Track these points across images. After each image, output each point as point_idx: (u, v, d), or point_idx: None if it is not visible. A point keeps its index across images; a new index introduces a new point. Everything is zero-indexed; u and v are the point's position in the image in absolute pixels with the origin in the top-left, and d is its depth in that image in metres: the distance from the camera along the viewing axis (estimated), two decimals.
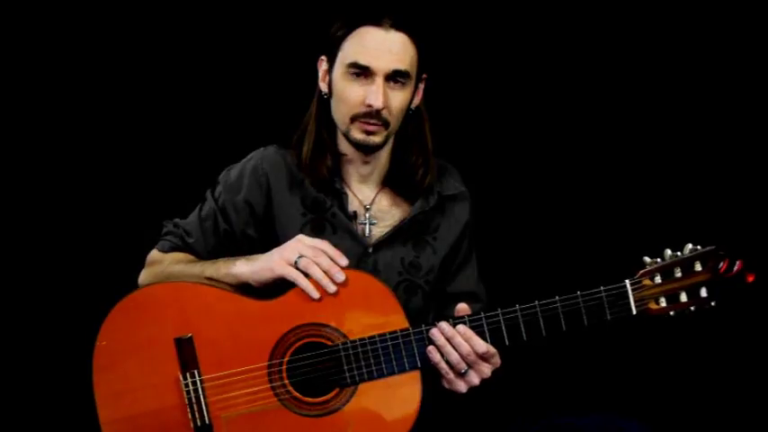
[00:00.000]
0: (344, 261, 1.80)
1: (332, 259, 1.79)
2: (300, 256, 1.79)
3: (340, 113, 1.92)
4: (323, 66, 1.95)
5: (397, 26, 1.86)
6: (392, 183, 2.01)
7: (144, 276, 2.01)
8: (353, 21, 1.87)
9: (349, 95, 1.87)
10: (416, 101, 1.98)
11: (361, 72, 1.86)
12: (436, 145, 2.01)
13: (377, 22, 1.85)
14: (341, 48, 1.88)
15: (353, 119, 1.89)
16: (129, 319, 1.82)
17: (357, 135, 1.90)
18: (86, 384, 1.80)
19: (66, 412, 2.41)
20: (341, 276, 1.78)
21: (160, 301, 1.83)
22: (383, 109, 1.86)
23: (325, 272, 1.78)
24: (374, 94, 1.84)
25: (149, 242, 2.05)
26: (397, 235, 1.98)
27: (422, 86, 1.99)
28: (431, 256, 2.00)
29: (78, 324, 1.95)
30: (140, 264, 2.04)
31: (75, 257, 2.62)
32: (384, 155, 1.99)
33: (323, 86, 1.95)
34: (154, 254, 2.02)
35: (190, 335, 1.80)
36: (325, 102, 1.96)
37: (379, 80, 1.85)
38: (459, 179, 2.08)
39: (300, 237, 1.83)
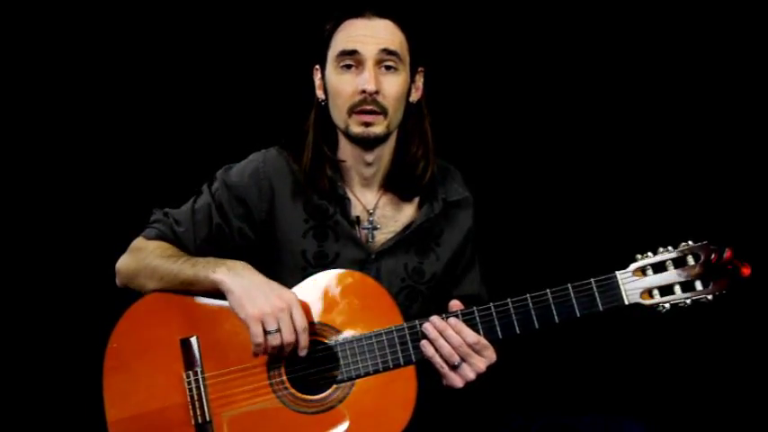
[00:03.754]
0: (303, 353, 1.79)
1: (298, 346, 1.79)
2: (277, 330, 1.76)
3: (337, 110, 1.92)
4: (318, 74, 1.98)
5: (380, 14, 1.90)
6: (393, 183, 2.00)
7: (124, 261, 1.97)
8: (337, 18, 1.92)
9: (343, 87, 1.89)
10: (416, 95, 1.99)
11: (352, 62, 1.88)
12: (437, 145, 2.02)
13: (359, 14, 1.90)
14: (330, 46, 1.92)
15: (350, 111, 1.89)
16: (138, 323, 1.89)
17: (356, 129, 1.90)
18: (94, 386, 1.86)
19: (74, 413, 2.46)
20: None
21: (168, 306, 1.89)
22: (377, 93, 1.87)
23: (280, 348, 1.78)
24: (366, 79, 1.86)
25: None
26: (401, 242, 1.98)
27: (421, 81, 2.00)
28: (434, 263, 2.00)
29: (84, 328, 2.01)
30: None
31: (81, 261, 2.65)
32: (386, 155, 1.98)
33: (320, 94, 1.98)
34: (138, 240, 1.99)
35: (194, 335, 1.85)
36: (322, 111, 1.97)
37: (370, 64, 1.87)
38: (461, 182, 2.08)
39: (292, 304, 1.78)
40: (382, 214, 2.00)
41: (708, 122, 2.61)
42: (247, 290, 1.79)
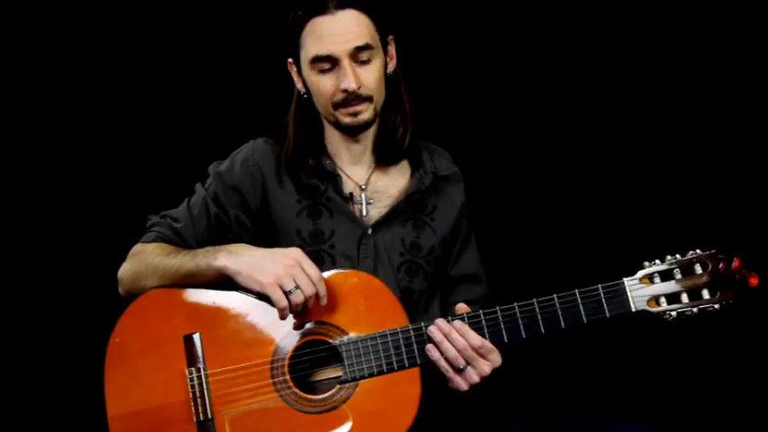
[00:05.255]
0: (324, 302, 1.81)
1: (317, 295, 1.80)
2: (296, 287, 1.78)
3: (322, 106, 1.95)
4: (293, 68, 1.99)
5: (342, 5, 1.88)
6: (380, 155, 2.02)
7: (124, 267, 1.97)
8: (301, 17, 1.91)
9: (323, 88, 1.91)
10: (392, 66, 2.00)
11: (327, 63, 1.89)
12: (435, 137, 2.04)
13: (322, 11, 1.88)
14: (300, 46, 1.92)
15: (336, 107, 1.92)
16: (141, 318, 1.88)
17: (345, 120, 1.93)
18: (95, 381, 1.85)
19: (75, 408, 2.46)
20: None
21: (171, 301, 1.88)
22: (359, 88, 1.89)
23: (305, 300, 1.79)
24: (346, 78, 1.87)
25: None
26: (394, 214, 1.99)
27: (392, 49, 2.00)
28: (431, 237, 2.01)
29: (86, 323, 2.01)
30: None
31: (83, 256, 2.66)
32: (372, 129, 2.00)
33: (299, 86, 1.99)
34: (136, 246, 1.99)
35: (198, 332, 1.85)
36: (303, 101, 2.00)
37: (346, 62, 1.88)
38: (449, 159, 2.11)
39: (300, 259, 1.80)
40: (374, 189, 2.02)
41: (719, 131, 2.60)
42: (253, 264, 1.80)
